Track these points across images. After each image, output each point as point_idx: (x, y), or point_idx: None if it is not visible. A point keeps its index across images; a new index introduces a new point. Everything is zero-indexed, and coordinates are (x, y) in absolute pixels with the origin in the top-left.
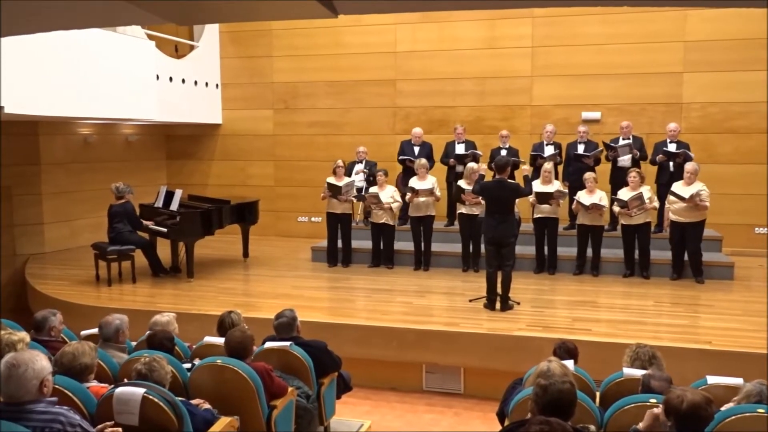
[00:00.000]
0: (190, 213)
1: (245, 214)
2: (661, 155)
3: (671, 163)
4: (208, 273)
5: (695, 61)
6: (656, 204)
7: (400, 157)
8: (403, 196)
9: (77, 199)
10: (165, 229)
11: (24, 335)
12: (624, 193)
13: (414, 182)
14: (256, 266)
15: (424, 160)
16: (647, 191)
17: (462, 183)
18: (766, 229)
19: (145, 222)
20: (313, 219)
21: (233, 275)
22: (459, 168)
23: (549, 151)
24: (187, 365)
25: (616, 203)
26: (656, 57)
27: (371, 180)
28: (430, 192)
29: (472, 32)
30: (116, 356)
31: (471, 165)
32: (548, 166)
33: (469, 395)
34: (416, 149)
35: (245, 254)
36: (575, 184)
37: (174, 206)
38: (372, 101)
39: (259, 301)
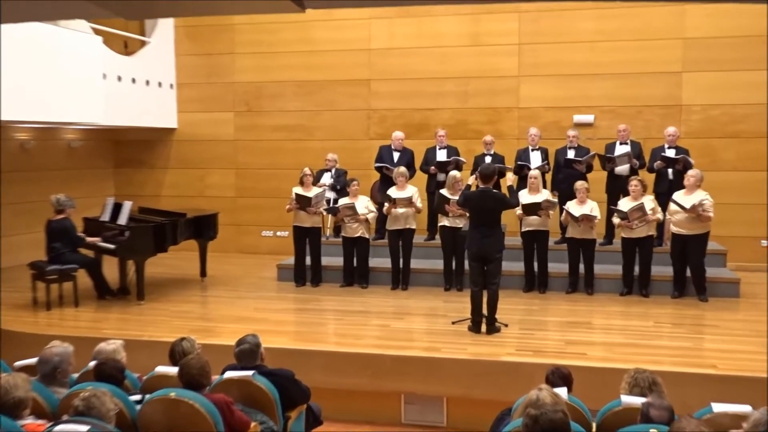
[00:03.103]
0: (140, 227)
1: (203, 228)
2: (659, 162)
3: (670, 171)
4: (161, 295)
5: (695, 60)
6: (660, 215)
7: (377, 165)
8: (379, 206)
9: (13, 212)
10: (112, 246)
11: None
12: (624, 204)
13: (392, 191)
14: (215, 287)
15: (403, 168)
16: (649, 201)
17: (444, 192)
18: None
19: (88, 239)
20: (278, 233)
21: (189, 297)
22: (440, 176)
23: (535, 158)
24: (137, 397)
25: (615, 214)
26: (653, 55)
27: (338, 189)
28: (409, 202)
29: (454, 28)
30: (56, 391)
31: (453, 173)
32: (535, 172)
33: (453, 427)
34: (396, 155)
35: (203, 273)
36: (566, 192)
37: (122, 220)
38: (344, 103)
39: (218, 326)
